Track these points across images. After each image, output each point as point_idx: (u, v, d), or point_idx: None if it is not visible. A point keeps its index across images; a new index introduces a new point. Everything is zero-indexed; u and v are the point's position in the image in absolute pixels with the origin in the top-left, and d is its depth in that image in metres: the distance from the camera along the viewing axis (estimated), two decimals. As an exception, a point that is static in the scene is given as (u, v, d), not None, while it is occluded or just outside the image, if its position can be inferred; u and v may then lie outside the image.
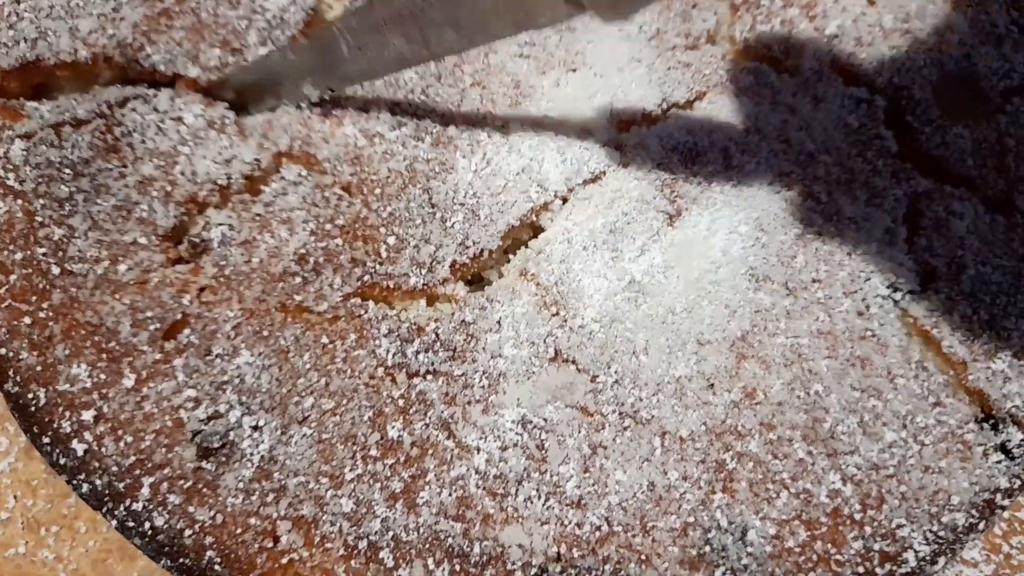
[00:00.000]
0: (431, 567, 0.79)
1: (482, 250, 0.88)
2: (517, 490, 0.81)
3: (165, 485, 0.80)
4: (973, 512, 0.86)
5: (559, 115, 0.93)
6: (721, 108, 0.94)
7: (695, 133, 0.93)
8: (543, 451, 0.82)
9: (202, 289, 0.84)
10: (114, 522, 0.80)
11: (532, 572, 0.80)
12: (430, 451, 0.82)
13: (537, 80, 0.94)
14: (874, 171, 0.93)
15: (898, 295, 0.90)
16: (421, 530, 0.80)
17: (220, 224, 0.86)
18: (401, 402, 0.82)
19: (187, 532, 0.79)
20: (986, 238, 0.92)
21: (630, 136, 0.93)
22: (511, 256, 0.90)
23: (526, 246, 0.90)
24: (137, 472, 0.80)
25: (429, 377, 0.83)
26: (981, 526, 0.86)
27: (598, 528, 0.81)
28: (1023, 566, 0.94)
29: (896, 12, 0.98)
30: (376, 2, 0.77)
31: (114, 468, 0.80)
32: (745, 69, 0.96)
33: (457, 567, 0.79)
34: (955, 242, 0.91)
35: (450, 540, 0.80)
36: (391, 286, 0.86)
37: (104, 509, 0.80)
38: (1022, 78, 0.97)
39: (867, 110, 0.95)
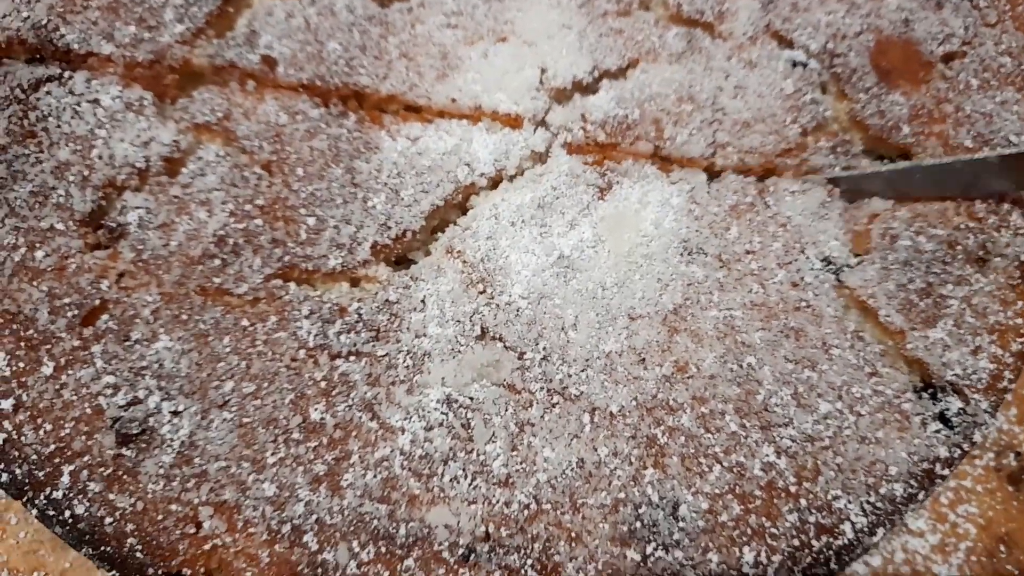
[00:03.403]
0: (356, 549, 0.78)
1: (405, 231, 0.86)
2: (443, 470, 0.80)
3: (85, 473, 0.79)
4: (912, 482, 0.85)
5: (488, 88, 0.91)
6: (653, 76, 0.92)
7: (626, 104, 0.91)
8: (469, 430, 0.81)
9: (121, 274, 0.83)
10: (35, 511, 0.79)
11: (459, 552, 0.79)
12: (353, 433, 0.80)
13: (465, 51, 0.92)
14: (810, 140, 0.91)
15: (833, 266, 0.88)
16: (346, 513, 0.79)
17: (137, 207, 0.84)
18: (323, 384, 0.81)
19: (108, 520, 0.78)
20: (919, 207, 0.90)
21: (560, 109, 0.91)
22: (439, 235, 0.89)
23: (455, 224, 0.88)
24: (57, 460, 0.79)
25: (352, 358, 0.82)
26: (921, 496, 0.85)
27: (526, 506, 0.80)
28: (968, 535, 0.93)
29: (834, -26, 0.96)
30: None
31: (34, 457, 0.79)
32: (678, 34, 0.94)
33: (383, 549, 0.78)
34: (889, 211, 0.89)
35: (375, 522, 0.79)
36: (311, 268, 0.84)
37: (25, 498, 0.79)
38: (961, 43, 0.94)
39: (802, 73, 0.93)
